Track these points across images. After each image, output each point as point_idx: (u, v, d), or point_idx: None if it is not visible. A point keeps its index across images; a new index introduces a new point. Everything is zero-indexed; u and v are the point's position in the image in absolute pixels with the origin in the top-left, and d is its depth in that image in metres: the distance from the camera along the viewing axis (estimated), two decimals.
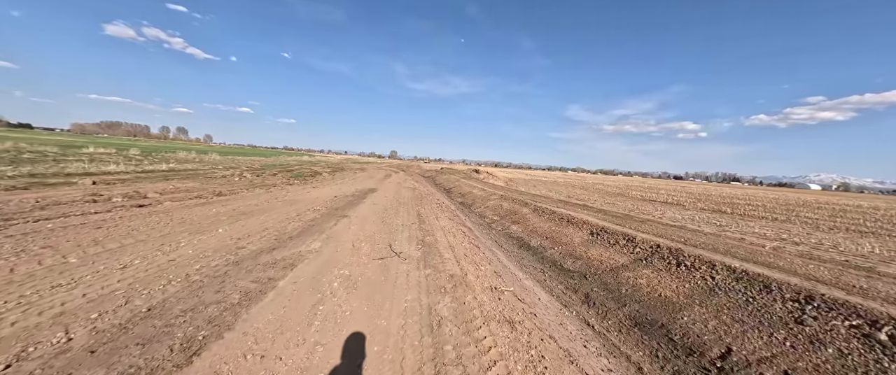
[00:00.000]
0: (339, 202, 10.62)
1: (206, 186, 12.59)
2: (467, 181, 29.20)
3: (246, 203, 8.80)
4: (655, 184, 67.32)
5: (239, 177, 17.19)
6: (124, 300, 3.14)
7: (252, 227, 6.10)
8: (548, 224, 10.18)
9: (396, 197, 13.83)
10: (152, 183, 12.35)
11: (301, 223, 6.71)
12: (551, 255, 7.62)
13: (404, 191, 16.64)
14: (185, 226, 5.84)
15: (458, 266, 4.66)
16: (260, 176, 19.11)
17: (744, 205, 22.05)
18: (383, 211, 9.35)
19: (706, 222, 12.50)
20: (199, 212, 7.02)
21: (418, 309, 3.37)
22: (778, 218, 15.60)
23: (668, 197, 28.32)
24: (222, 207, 7.82)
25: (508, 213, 12.93)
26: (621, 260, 6.42)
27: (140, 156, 26.73)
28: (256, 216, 7.19)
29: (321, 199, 11.20)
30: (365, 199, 12.28)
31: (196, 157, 33.12)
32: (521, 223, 11.11)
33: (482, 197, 17.91)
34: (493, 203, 15.59)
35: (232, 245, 4.99)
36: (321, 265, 4.25)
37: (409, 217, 8.65)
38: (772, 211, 18.52)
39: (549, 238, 8.84)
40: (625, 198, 23.48)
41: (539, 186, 34.91)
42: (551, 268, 6.82)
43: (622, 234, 7.67)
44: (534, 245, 8.62)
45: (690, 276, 5.21)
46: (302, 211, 8.09)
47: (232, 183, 14.68)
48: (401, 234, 6.25)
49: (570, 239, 8.34)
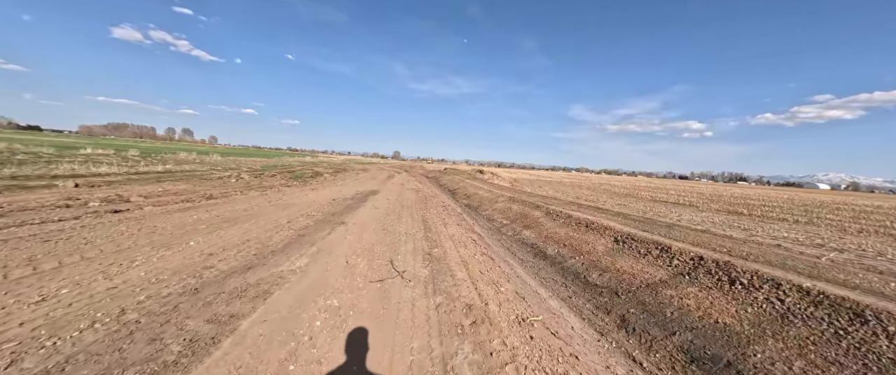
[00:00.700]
0: (336, 206, 9.84)
1: (198, 189, 11.87)
2: (472, 182, 28.38)
3: (235, 207, 8.06)
4: (662, 184, 66.06)
5: (236, 179, 16.49)
6: (9, 360, 2.29)
7: (231, 238, 5.32)
8: (564, 229, 9.34)
9: (399, 200, 13.05)
10: (142, 185, 11.65)
11: (290, 232, 5.93)
12: (573, 266, 6.78)
13: (407, 193, 15.87)
14: (153, 238, 5.06)
15: (474, 289, 3.85)
16: (258, 177, 18.42)
17: (759, 206, 21.07)
18: (385, 216, 8.57)
19: (729, 225, 11.60)
20: (177, 219, 6.28)
21: (428, 364, 2.54)
22: (799, 220, 14.73)
23: (679, 197, 27.32)
24: (207, 213, 7.08)
25: (519, 217, 12.10)
26: (658, 275, 5.57)
27: (138, 158, 26.17)
28: (241, 223, 6.42)
29: (318, 203, 10.43)
30: (365, 202, 11.50)
31: (197, 158, 32.57)
32: (533, 228, 10.27)
33: (489, 198, 17.08)
34: (502, 205, 14.76)
35: (199, 263, 4.19)
36: (303, 291, 3.44)
37: (414, 223, 7.86)
38: (789, 213, 17.58)
39: (567, 245, 7.99)
40: (635, 199, 22.55)
41: (545, 187, 34.00)
42: (575, 282, 5.98)
43: (653, 243, 6.81)
44: (551, 253, 7.78)
45: (751, 297, 4.35)
46: (294, 217, 7.33)
47: (227, 185, 13.96)
48: (404, 245, 5.47)
49: (592, 247, 7.49)
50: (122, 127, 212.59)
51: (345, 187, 17.12)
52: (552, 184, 38.25)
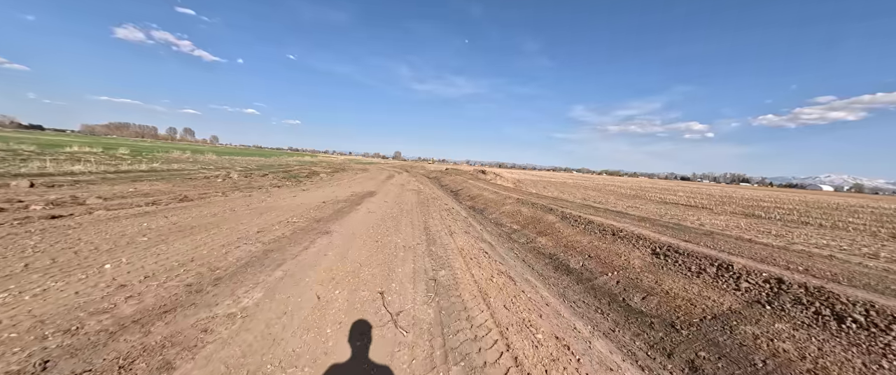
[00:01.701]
0: (325, 210, 8.65)
1: (175, 189, 10.70)
2: (475, 182, 27.18)
3: (203, 212, 6.89)
4: (667, 186, 64.77)
5: (223, 179, 15.32)
6: None
7: (171, 257, 4.08)
8: (586, 237, 8.14)
9: (398, 203, 11.85)
10: (112, 185, 10.47)
11: (256, 246, 4.69)
12: (606, 285, 5.58)
13: (408, 195, 14.69)
14: (61, 258, 3.80)
15: (504, 343, 2.67)
16: (248, 176, 17.25)
17: (774, 209, 19.91)
18: (380, 223, 7.39)
19: (760, 231, 10.44)
20: (118, 229, 5.09)
21: None
22: (824, 224, 13.73)
23: (689, 199, 26.13)
24: (164, 219, 5.91)
25: (530, 221, 10.91)
26: (725, 302, 4.37)
27: (127, 156, 25.04)
28: (197, 234, 5.19)
29: (305, 206, 9.24)
30: (360, 206, 10.31)
31: (190, 157, 31.49)
32: (549, 235, 9.08)
33: (495, 200, 15.88)
34: (510, 208, 13.57)
35: (90, 304, 2.86)
36: (232, 361, 2.25)
37: (415, 232, 6.67)
38: (808, 216, 16.51)
39: (594, 258, 6.79)
40: (645, 201, 21.35)
41: (549, 187, 32.83)
42: (613, 308, 4.78)
43: (705, 257, 5.61)
44: (575, 267, 6.58)
45: (882, 347, 3.15)
46: (270, 224, 6.12)
47: (211, 185, 12.79)
48: (402, 266, 4.27)
49: (626, 260, 6.29)
50: (123, 126, 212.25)
51: (340, 188, 15.94)
52: (556, 185, 37.05)
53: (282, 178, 18.00)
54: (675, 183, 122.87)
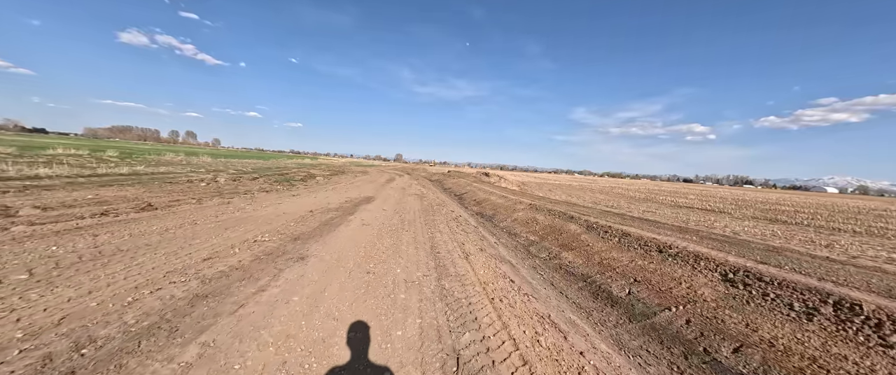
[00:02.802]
0: (310, 222, 7.29)
1: (145, 195, 9.38)
2: (479, 186, 25.81)
3: (155, 227, 5.55)
4: (673, 188, 63.24)
5: (208, 183, 14.01)
6: None
7: (34, 313, 2.66)
8: (624, 253, 6.76)
9: (399, 211, 10.48)
10: (72, 191, 9.15)
11: (187, 287, 3.27)
12: (672, 326, 4.19)
13: (410, 201, 13.34)
14: None
15: None
16: (237, 180, 15.93)
17: (795, 213, 18.59)
18: (376, 240, 6.03)
19: (804, 240, 9.11)
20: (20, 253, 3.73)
21: None
22: (856, 230, 12.68)
23: (703, 202, 24.74)
24: (94, 238, 4.55)
25: (549, 231, 9.53)
26: (881, 368, 2.99)
27: (114, 159, 23.80)
28: (116, 264, 3.66)
29: (287, 217, 7.90)
30: (353, 215, 8.94)
31: (183, 160, 30.26)
32: (576, 249, 7.70)
33: (504, 206, 14.51)
34: (523, 215, 12.20)
35: None
36: None
37: (419, 255, 5.29)
38: (834, 221, 15.25)
39: (642, 282, 5.42)
40: (659, 205, 19.98)
41: (556, 190, 31.48)
42: (695, 365, 3.40)
43: (807, 289, 4.22)
44: (620, 295, 5.20)
45: None
46: (228, 246, 4.63)
47: (190, 190, 11.47)
48: (403, 326, 2.75)
49: (690, 288, 4.91)
50: (126, 129, 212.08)
51: (335, 193, 14.60)
52: (562, 188, 35.69)
53: (273, 182, 16.68)
54: (680, 185, 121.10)
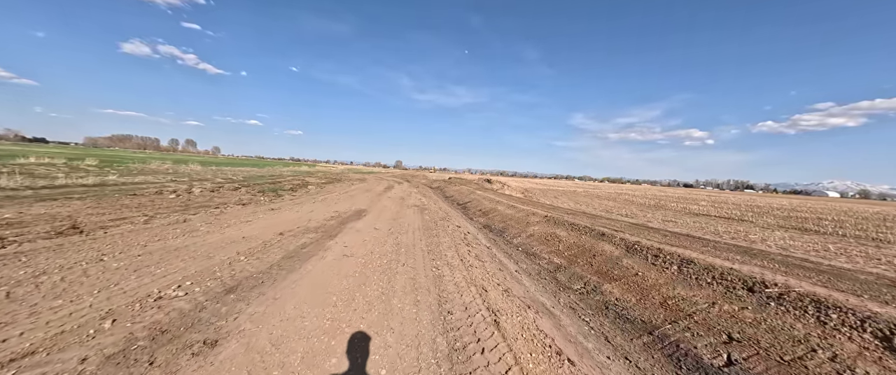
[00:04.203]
0: (271, 254, 5.52)
1: (84, 213, 7.69)
2: (483, 193, 24.12)
3: (37, 267, 3.85)
4: (679, 194, 61.60)
5: (178, 195, 12.31)
6: None
7: None
8: (696, 291, 5.05)
9: (395, 230, 8.75)
10: None
11: None
12: None
13: (408, 214, 11.64)
14: None
15: None
16: (215, 191, 14.23)
17: (818, 221, 17.02)
18: (357, 287, 4.30)
19: (864, 256, 7.43)
20: None
21: None
22: (890, 238, 11.00)
23: (717, 209, 23.05)
24: None
25: (578, 253, 7.82)
26: None
27: (92, 168, 22.13)
28: None
29: (245, 244, 6.18)
30: (336, 237, 7.22)
31: (169, 168, 28.61)
32: (620, 280, 5.98)
33: (515, 217, 12.81)
34: (539, 230, 10.49)
35: None
36: None
37: (420, 316, 3.50)
38: (863, 229, 13.78)
39: (745, 343, 3.71)
40: (674, 213, 18.28)
41: (561, 197, 29.79)
42: None
43: None
44: (713, 362, 3.50)
45: None
46: (93, 317, 2.77)
47: (152, 204, 9.77)
48: None
49: (840, 362, 3.22)
50: (126, 138, 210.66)
51: (323, 205, 12.89)
52: (567, 195, 34.01)
53: (256, 192, 14.99)
54: (682, 190, 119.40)
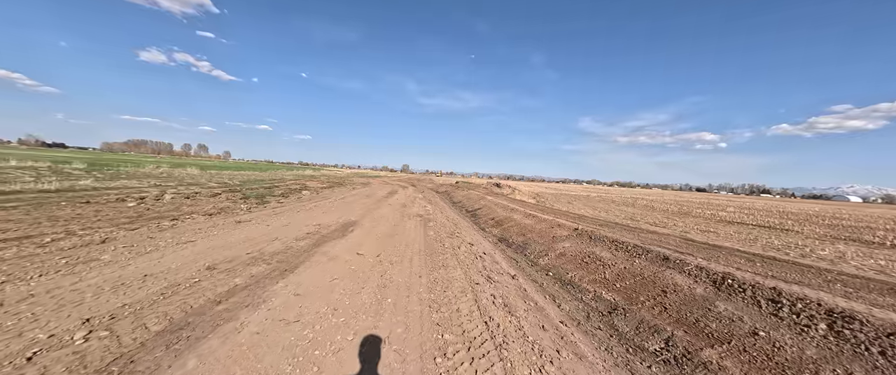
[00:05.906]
0: (149, 319, 3.66)
1: (10, 225, 5.87)
2: (494, 199, 21.99)
3: None
4: (697, 198, 58.65)
5: (139, 203, 10.52)
6: None
7: None
8: None
9: (386, 256, 6.75)
10: None
11: None
12: None
13: (409, 227, 9.65)
14: None
15: None
16: (190, 198, 12.45)
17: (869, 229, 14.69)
18: None
19: None
20: None
21: None
22: None
23: (748, 216, 20.60)
24: None
25: (637, 285, 5.71)
26: None
27: (77, 171, 20.68)
28: None
29: (139, 288, 4.31)
30: (295, 272, 5.25)
31: (163, 172, 27.20)
32: (729, 342, 3.88)
33: (536, 229, 10.70)
34: (571, 247, 8.38)
35: None
36: None
37: None
38: None
39: None
40: (707, 221, 15.99)
41: (575, 202, 27.54)
42: None
43: None
44: None
45: None
46: None
47: (97, 214, 7.97)
48: None
49: None
50: (141, 143, 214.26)
51: (308, 214, 10.97)
52: (581, 200, 31.68)
53: (239, 199, 13.16)
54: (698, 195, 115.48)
